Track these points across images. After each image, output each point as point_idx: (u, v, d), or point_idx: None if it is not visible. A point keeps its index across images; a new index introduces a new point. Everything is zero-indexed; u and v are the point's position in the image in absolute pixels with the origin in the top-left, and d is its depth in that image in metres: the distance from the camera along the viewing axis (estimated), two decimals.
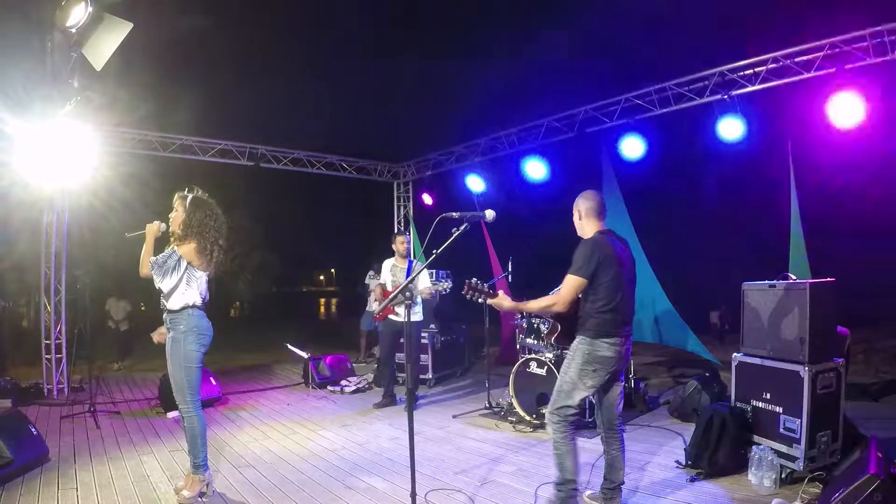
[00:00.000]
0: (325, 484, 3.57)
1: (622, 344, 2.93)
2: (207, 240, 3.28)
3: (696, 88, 5.75)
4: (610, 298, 2.89)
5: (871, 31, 4.51)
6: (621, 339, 2.92)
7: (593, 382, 2.90)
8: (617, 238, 3.08)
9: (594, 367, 2.89)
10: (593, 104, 6.60)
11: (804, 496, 3.03)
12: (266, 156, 8.17)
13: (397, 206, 9.87)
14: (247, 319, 22.58)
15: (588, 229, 3.09)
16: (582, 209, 3.12)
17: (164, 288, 3.23)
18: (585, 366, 2.90)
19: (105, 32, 3.81)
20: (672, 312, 6.34)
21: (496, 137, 7.77)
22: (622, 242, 3.10)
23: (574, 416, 2.91)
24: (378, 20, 7.53)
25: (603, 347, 2.89)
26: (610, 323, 2.89)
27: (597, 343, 2.89)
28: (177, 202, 3.32)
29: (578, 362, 2.92)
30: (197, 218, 3.27)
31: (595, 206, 3.09)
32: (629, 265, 3.05)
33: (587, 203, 3.10)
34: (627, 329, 2.98)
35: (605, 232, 3.06)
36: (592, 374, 2.89)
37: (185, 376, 3.22)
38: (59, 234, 6.53)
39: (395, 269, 5.64)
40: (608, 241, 2.98)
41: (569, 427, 2.90)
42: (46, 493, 3.40)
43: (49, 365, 6.29)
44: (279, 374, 7.96)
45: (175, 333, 3.24)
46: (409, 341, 3.08)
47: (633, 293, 3.07)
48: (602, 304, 2.90)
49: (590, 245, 2.94)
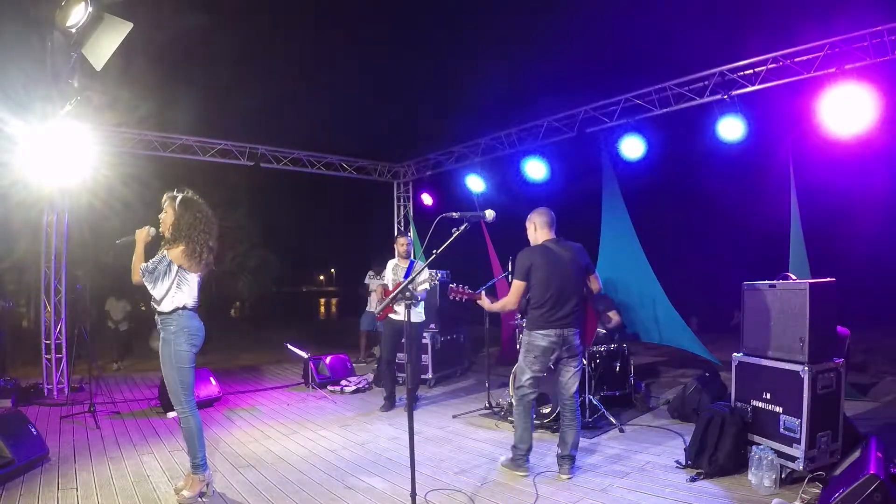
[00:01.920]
0: (325, 484, 3.57)
1: (558, 335, 3.48)
2: (197, 242, 3.22)
3: (696, 88, 5.75)
4: (539, 297, 3.49)
5: (871, 31, 4.50)
6: (556, 331, 3.47)
7: (537, 367, 3.52)
8: (563, 245, 3.61)
9: (534, 354, 3.51)
10: (593, 104, 6.59)
11: (804, 496, 3.03)
12: (266, 156, 8.16)
13: (397, 206, 9.87)
14: (247, 319, 22.53)
15: (539, 238, 3.67)
16: (536, 222, 3.69)
17: (157, 294, 3.18)
18: (527, 354, 3.55)
19: (105, 32, 3.81)
20: (672, 312, 6.34)
21: (496, 137, 7.76)
22: (569, 248, 3.61)
23: (529, 395, 3.56)
24: (378, 20, 7.55)
25: (538, 338, 3.50)
26: (542, 318, 3.49)
27: (533, 334, 3.52)
28: (166, 203, 3.28)
29: (523, 351, 3.60)
30: (186, 220, 3.21)
31: (547, 220, 3.68)
32: (572, 267, 3.56)
33: (541, 218, 3.68)
34: (563, 322, 3.48)
35: (551, 240, 3.63)
36: (534, 360, 3.52)
37: (177, 377, 3.21)
38: (59, 234, 6.52)
39: (398, 270, 5.65)
40: (547, 248, 3.57)
41: (522, 403, 3.58)
42: (46, 493, 3.40)
43: (49, 365, 6.29)
44: (279, 374, 7.96)
45: (165, 335, 3.22)
46: (409, 341, 3.09)
47: (573, 291, 3.54)
48: (534, 302, 3.51)
49: (524, 253, 3.58)
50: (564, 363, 3.59)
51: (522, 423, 3.60)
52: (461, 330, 7.63)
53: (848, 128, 4.68)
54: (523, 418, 3.60)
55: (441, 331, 7.11)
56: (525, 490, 3.40)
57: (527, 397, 3.57)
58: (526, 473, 3.63)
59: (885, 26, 4.43)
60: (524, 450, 3.62)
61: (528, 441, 3.62)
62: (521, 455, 3.63)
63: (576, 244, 3.70)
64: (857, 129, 4.63)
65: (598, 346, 5.32)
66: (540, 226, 3.68)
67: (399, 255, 5.68)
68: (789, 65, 5.07)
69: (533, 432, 3.69)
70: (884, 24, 4.43)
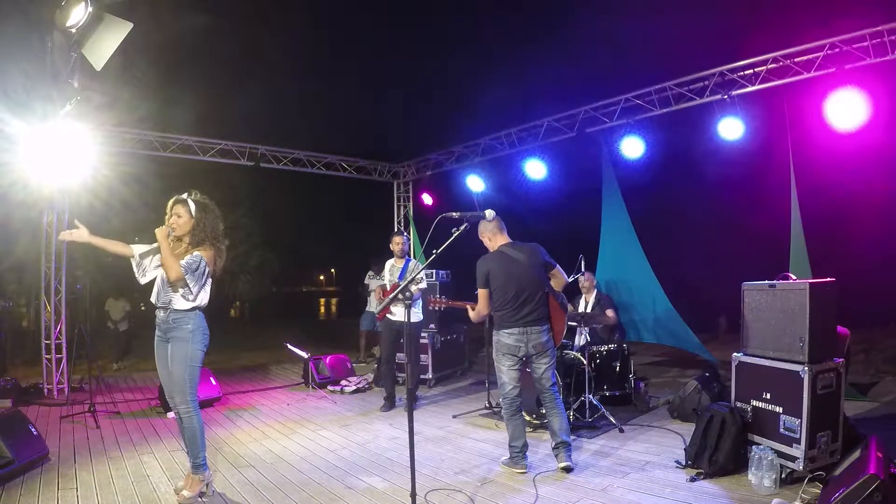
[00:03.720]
0: (325, 484, 3.57)
1: (522, 333, 3.60)
2: (220, 243, 3.34)
3: (696, 88, 5.75)
4: (500, 300, 3.63)
5: (871, 31, 4.50)
6: (519, 328, 3.60)
7: (509, 363, 3.65)
8: (517, 247, 3.72)
9: (502, 352, 3.65)
10: (593, 104, 6.59)
11: (804, 496, 3.03)
12: (266, 156, 8.16)
13: (397, 206, 9.87)
14: (247, 319, 22.55)
15: (495, 245, 3.76)
16: (488, 232, 3.77)
17: (198, 292, 3.22)
18: (497, 353, 3.70)
19: (105, 32, 3.81)
20: (672, 312, 6.34)
21: (496, 137, 7.77)
22: (524, 249, 3.71)
23: (511, 393, 3.66)
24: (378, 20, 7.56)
25: (504, 336, 3.64)
26: (505, 318, 3.63)
27: (500, 333, 3.66)
28: (178, 207, 3.25)
29: (493, 351, 3.75)
30: (210, 223, 3.29)
31: (497, 226, 3.76)
32: (530, 266, 3.66)
33: (490, 225, 3.74)
34: (525, 320, 3.60)
35: (505, 245, 3.74)
36: (503, 358, 3.66)
37: (188, 375, 3.21)
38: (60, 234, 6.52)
39: (394, 269, 5.66)
40: (501, 253, 3.68)
41: (505, 401, 3.69)
42: (46, 493, 3.40)
43: (49, 365, 6.29)
44: (279, 374, 7.96)
45: (181, 332, 3.21)
46: (409, 341, 3.09)
47: (534, 290, 3.64)
48: (497, 304, 3.66)
49: (480, 262, 3.72)
50: (535, 360, 3.67)
51: (511, 421, 3.70)
52: (461, 330, 7.63)
53: (848, 128, 4.68)
54: (512, 417, 3.70)
55: (440, 331, 7.11)
56: (525, 490, 3.40)
57: (510, 395, 3.67)
58: (524, 470, 3.65)
59: (885, 26, 4.43)
60: (519, 447, 3.70)
61: (521, 438, 3.70)
62: (517, 452, 3.70)
63: (531, 244, 3.78)
64: (857, 128, 4.63)
65: (598, 346, 5.32)
66: (492, 234, 3.78)
67: (395, 255, 5.68)
68: (789, 65, 5.07)
69: (532, 431, 3.70)
70: (884, 24, 4.43)
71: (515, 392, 3.68)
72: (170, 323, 3.22)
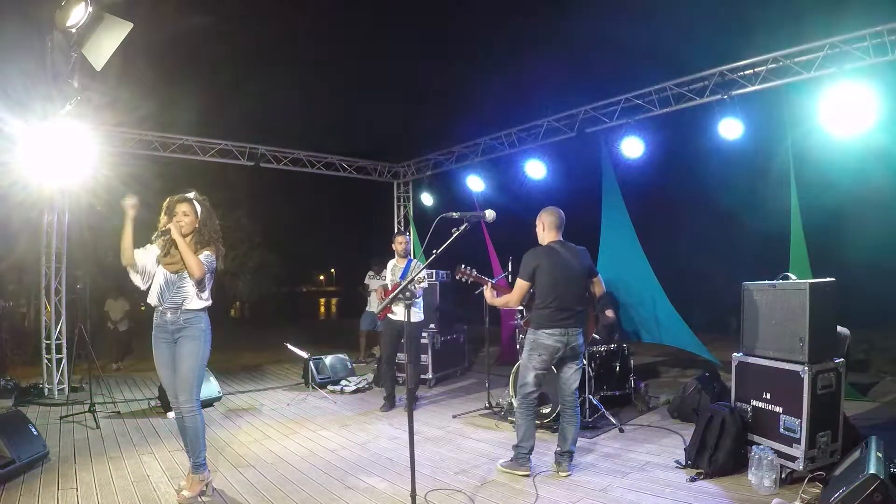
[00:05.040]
0: (325, 484, 3.57)
1: (563, 334, 3.55)
2: (220, 243, 3.38)
3: (696, 88, 5.74)
4: (544, 298, 3.56)
5: (871, 31, 4.50)
6: (561, 330, 3.55)
7: (540, 365, 3.60)
8: (568, 248, 3.67)
9: (539, 352, 3.58)
10: (593, 104, 6.59)
11: (804, 496, 3.03)
12: (266, 156, 8.16)
13: (397, 206, 9.86)
14: (247, 319, 22.55)
15: (546, 239, 3.73)
16: (545, 222, 3.73)
17: (205, 288, 3.26)
18: (532, 352, 3.62)
19: (105, 32, 3.81)
20: (672, 312, 6.33)
21: (496, 137, 7.76)
22: (574, 251, 3.67)
23: (531, 394, 3.62)
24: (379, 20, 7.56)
25: (543, 337, 3.57)
26: (547, 317, 3.56)
27: (539, 333, 3.59)
28: (185, 206, 3.26)
29: (527, 349, 3.66)
30: (214, 224, 3.35)
31: (556, 220, 3.72)
32: (577, 269, 3.63)
33: (550, 217, 3.72)
34: (568, 322, 3.56)
35: (556, 242, 3.68)
36: (538, 358, 3.59)
37: (198, 374, 3.25)
38: (59, 234, 6.52)
39: (396, 269, 5.66)
40: (553, 250, 3.63)
41: (524, 402, 3.63)
42: (46, 493, 3.39)
43: (49, 365, 6.29)
44: (279, 374, 7.96)
45: (194, 332, 3.22)
46: (409, 341, 3.09)
47: (578, 293, 3.63)
48: (539, 303, 3.58)
49: (530, 255, 3.64)
50: (567, 362, 3.67)
51: (525, 421, 3.64)
52: (461, 330, 7.64)
53: (848, 128, 4.67)
54: (526, 417, 3.64)
55: (441, 331, 7.11)
56: (525, 490, 3.40)
57: (530, 396, 3.63)
58: (528, 473, 3.63)
59: (885, 26, 4.43)
60: (527, 448, 3.65)
61: (531, 440, 3.65)
62: (524, 454, 3.65)
63: (580, 247, 3.75)
64: (857, 129, 4.63)
65: (598, 346, 5.32)
66: (548, 226, 3.73)
67: (397, 254, 5.69)
68: (789, 65, 5.07)
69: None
70: (884, 25, 4.43)
71: (535, 395, 3.65)
72: (181, 323, 3.22)
